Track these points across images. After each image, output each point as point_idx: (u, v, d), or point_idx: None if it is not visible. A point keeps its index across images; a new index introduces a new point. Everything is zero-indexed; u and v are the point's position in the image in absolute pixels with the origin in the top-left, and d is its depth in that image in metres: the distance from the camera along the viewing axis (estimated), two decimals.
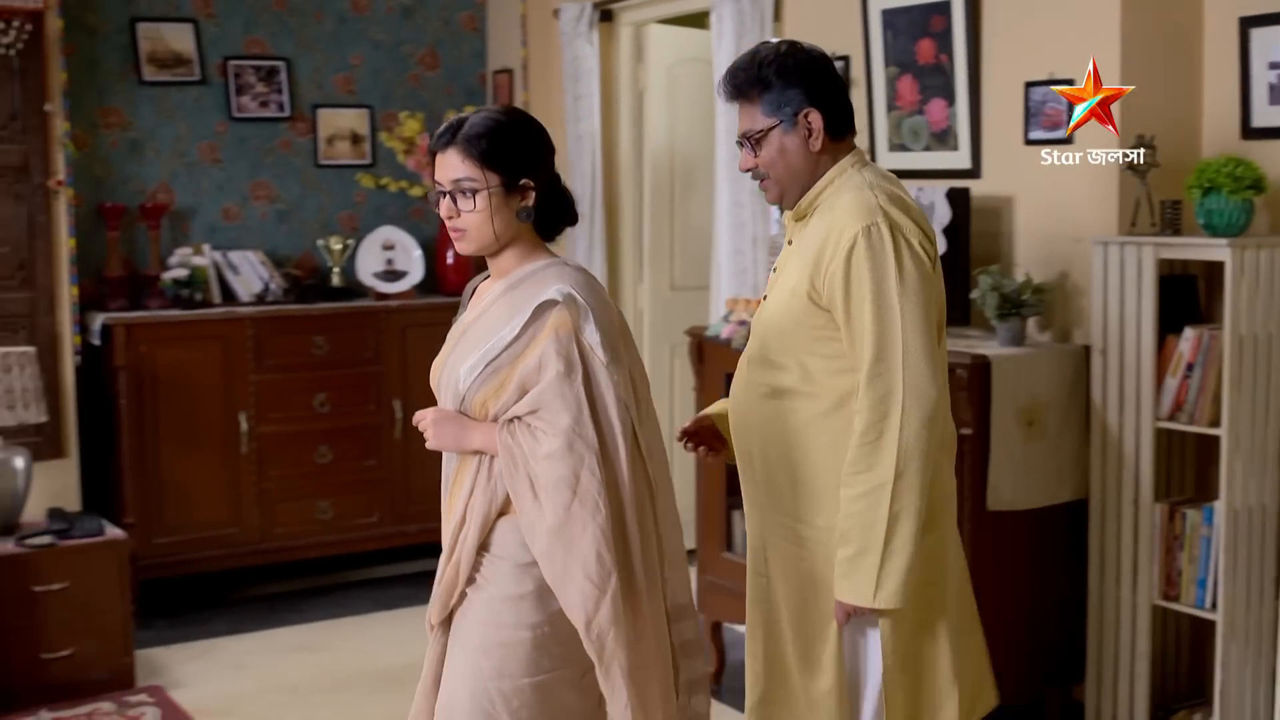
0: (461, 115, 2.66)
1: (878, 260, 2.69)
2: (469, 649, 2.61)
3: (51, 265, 5.47)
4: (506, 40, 6.56)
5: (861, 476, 2.70)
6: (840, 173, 2.84)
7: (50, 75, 5.43)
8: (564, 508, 2.50)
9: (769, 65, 2.81)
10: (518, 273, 2.65)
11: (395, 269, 6.31)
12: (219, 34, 6.15)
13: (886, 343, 2.69)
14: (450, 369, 2.66)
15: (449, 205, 2.63)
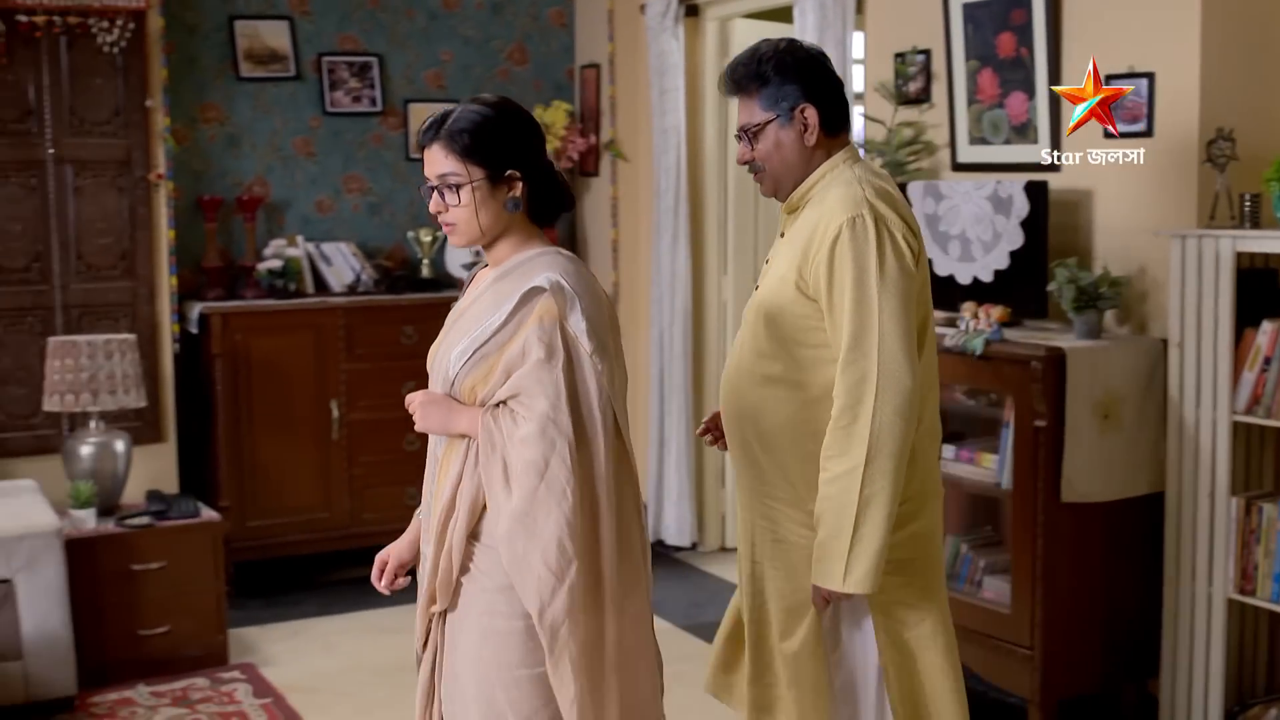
0: (447, 109, 2.68)
1: (860, 250, 2.77)
2: (471, 640, 2.64)
3: (152, 256, 5.64)
4: (593, 35, 6.64)
5: (834, 460, 2.78)
6: (832, 168, 2.92)
7: (152, 72, 5.59)
8: (530, 492, 2.50)
9: (768, 61, 2.90)
10: (509, 262, 2.68)
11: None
12: (313, 31, 6.30)
13: (863, 330, 2.76)
14: (442, 354, 2.69)
15: (437, 200, 2.66)
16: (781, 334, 2.90)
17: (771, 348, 2.91)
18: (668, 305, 6.25)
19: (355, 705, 4.62)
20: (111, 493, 5.13)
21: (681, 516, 6.30)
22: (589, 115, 6.64)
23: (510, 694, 2.60)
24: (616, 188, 6.55)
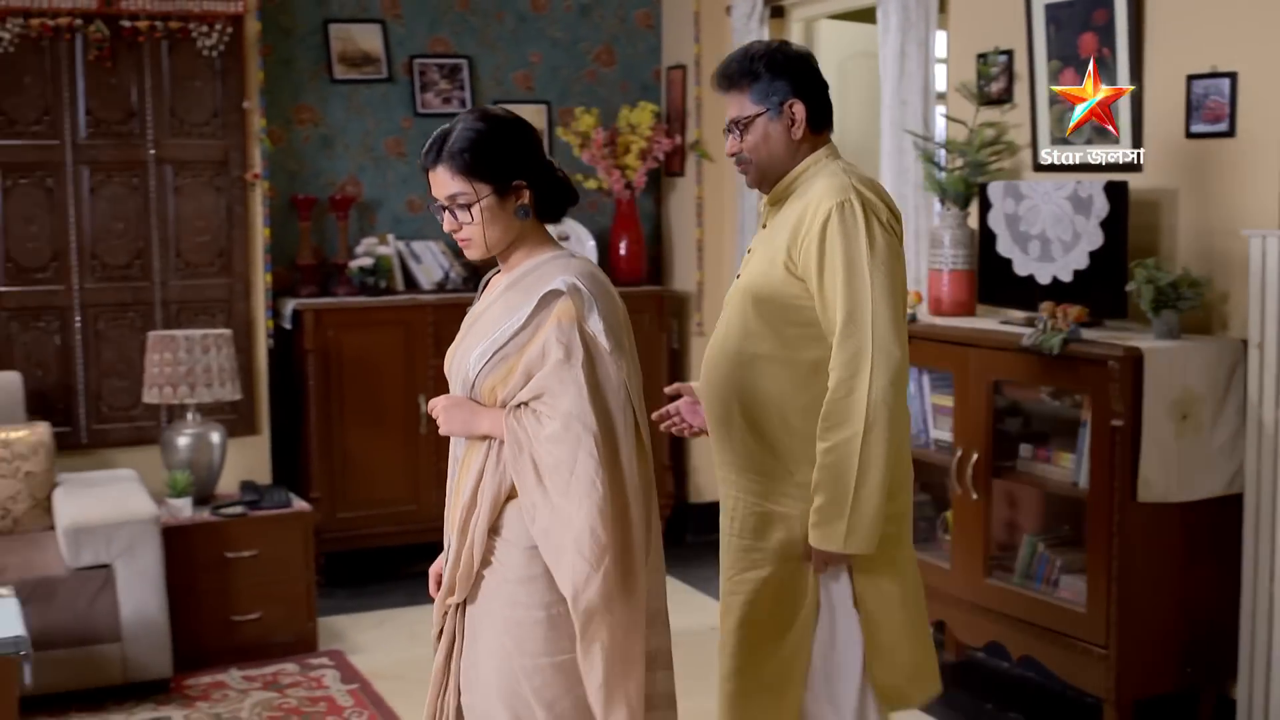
0: (445, 127, 2.75)
1: (850, 232, 2.92)
2: (494, 630, 2.72)
3: (248, 253, 5.80)
4: (680, 36, 6.71)
5: (833, 431, 2.91)
6: (815, 161, 3.07)
7: (249, 75, 5.75)
8: (562, 487, 2.58)
9: (759, 59, 3.05)
10: (524, 266, 2.76)
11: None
12: (405, 34, 6.43)
13: (857, 307, 2.90)
14: (460, 358, 2.77)
15: (450, 220, 2.74)
16: (770, 314, 3.03)
17: (760, 327, 3.04)
18: None
19: None
20: (207, 483, 5.29)
21: None
22: (675, 116, 6.71)
23: (533, 682, 2.68)
24: (701, 188, 6.61)
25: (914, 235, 5.25)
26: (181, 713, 4.60)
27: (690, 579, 6.03)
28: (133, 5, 5.48)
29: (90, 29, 5.44)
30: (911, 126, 5.19)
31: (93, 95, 5.50)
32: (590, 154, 6.45)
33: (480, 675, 2.75)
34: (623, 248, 6.57)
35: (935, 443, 4.77)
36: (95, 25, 5.44)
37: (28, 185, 5.45)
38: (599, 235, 6.61)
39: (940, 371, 4.70)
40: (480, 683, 2.75)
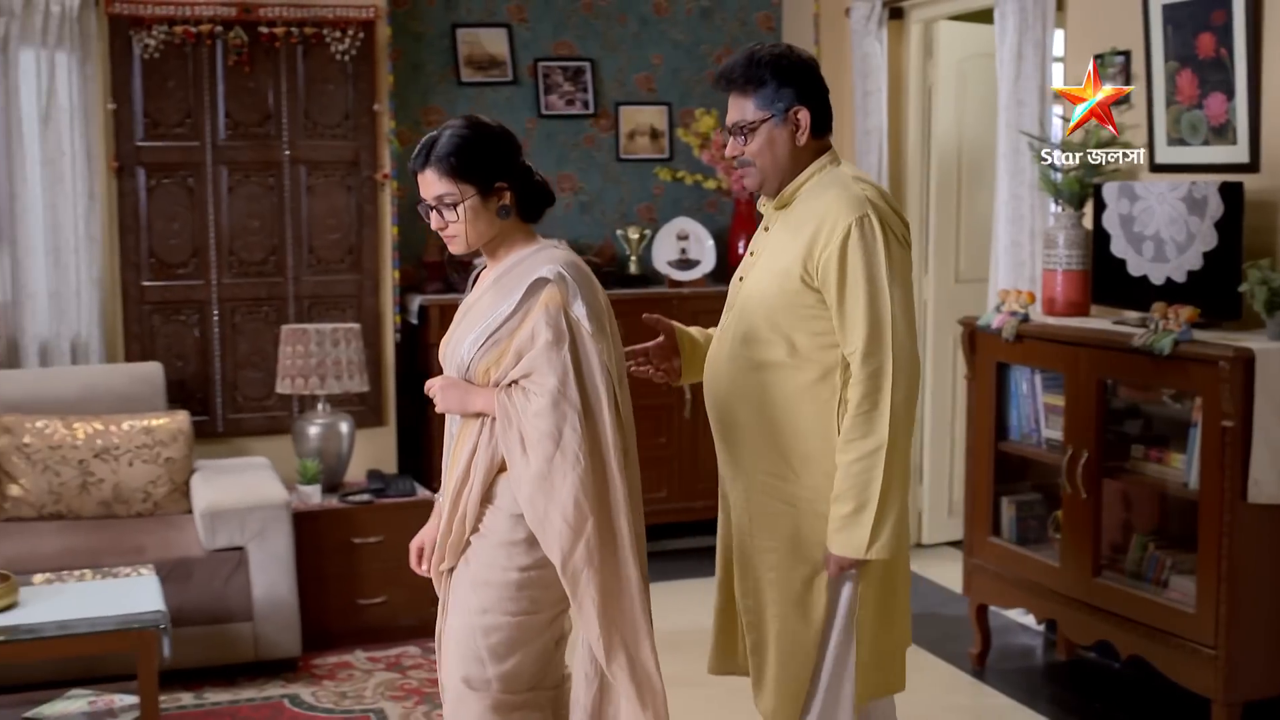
0: (433, 134, 3.01)
1: (870, 249, 2.98)
2: (465, 586, 2.99)
3: (377, 251, 6.00)
4: (799, 38, 6.78)
5: (857, 443, 2.99)
6: (820, 168, 3.13)
7: (379, 78, 5.95)
8: (547, 459, 2.83)
9: (766, 65, 3.10)
10: (509, 259, 3.02)
11: (689, 258, 6.62)
12: (530, 37, 6.60)
13: (879, 324, 2.98)
14: (454, 344, 3.02)
15: (436, 218, 2.99)
16: (783, 321, 3.09)
17: (771, 334, 3.10)
18: None
19: None
20: (335, 471, 5.49)
21: None
22: None
23: (490, 640, 2.95)
24: None
25: (1029, 235, 5.28)
26: (309, 690, 4.80)
27: None
28: (270, 13, 5.72)
29: (230, 35, 5.68)
30: (1027, 127, 5.21)
31: (232, 98, 5.74)
32: (709, 155, 6.55)
33: (451, 625, 3.01)
34: (740, 247, 6.66)
35: (1046, 442, 4.79)
36: (235, 32, 5.69)
37: (170, 184, 5.71)
38: (717, 235, 6.71)
39: (1052, 372, 4.72)
40: (450, 631, 3.01)
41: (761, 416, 3.13)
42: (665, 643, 4.95)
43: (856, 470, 2.99)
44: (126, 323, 5.72)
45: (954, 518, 6.25)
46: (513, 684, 2.98)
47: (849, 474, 3.01)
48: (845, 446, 3.01)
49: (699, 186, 6.80)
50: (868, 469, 2.98)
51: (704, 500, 6.49)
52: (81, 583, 4.31)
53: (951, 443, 6.39)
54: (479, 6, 6.52)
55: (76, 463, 5.07)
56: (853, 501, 3.01)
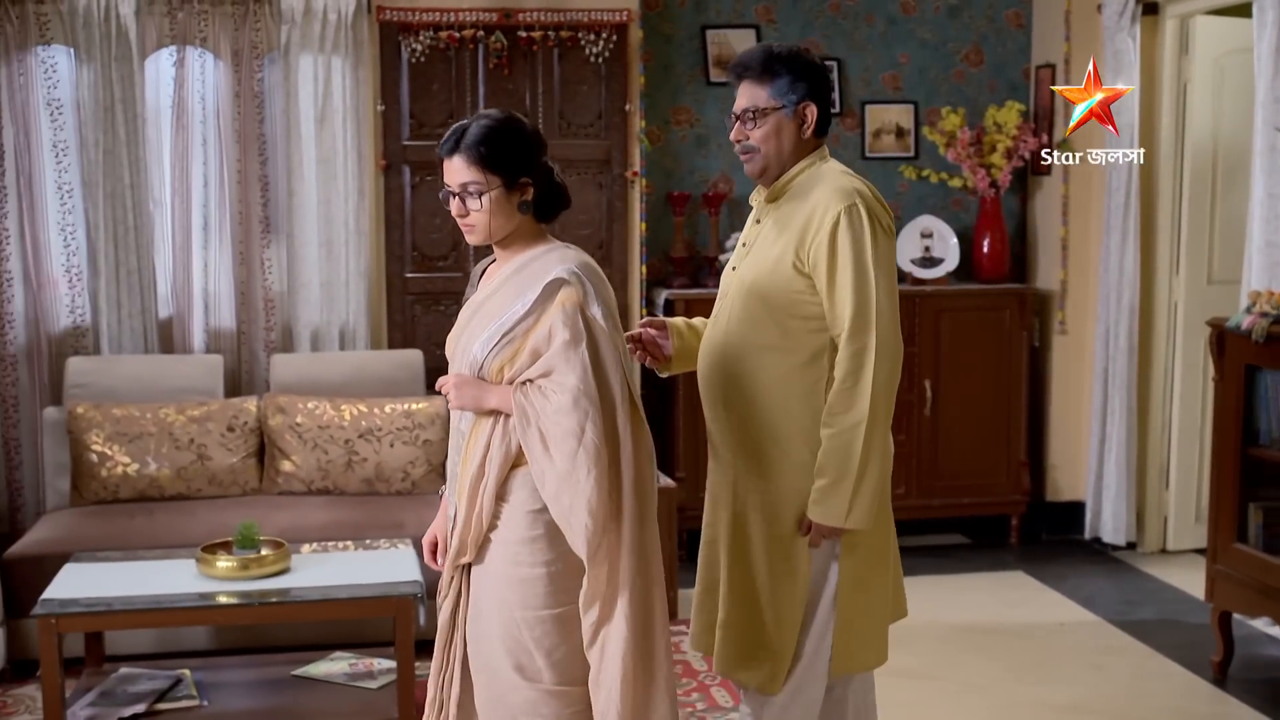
0: (463, 123, 3.02)
1: (858, 235, 3.14)
2: (497, 587, 3.01)
3: (626, 246, 6.21)
4: (1050, 35, 6.72)
5: (840, 417, 3.14)
6: (811, 163, 3.29)
7: (631, 79, 6.16)
8: (571, 456, 2.88)
9: (783, 59, 3.25)
10: (523, 256, 3.05)
11: (932, 256, 6.64)
12: (778, 38, 6.69)
13: (865, 306, 3.13)
14: (465, 342, 3.04)
15: (459, 205, 3.00)
16: (776, 307, 3.23)
17: (764, 319, 3.24)
18: (1114, 304, 6.27)
19: None
20: None
21: (1119, 515, 6.31)
22: (1042, 115, 6.72)
23: (534, 632, 2.99)
24: (1068, 186, 6.61)
25: None
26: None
27: (1043, 575, 6.07)
28: (529, 17, 5.98)
29: (491, 39, 5.96)
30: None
31: (491, 99, 6.02)
32: (955, 153, 6.55)
33: (484, 628, 3.04)
34: (985, 246, 6.64)
35: None
36: (495, 36, 5.97)
37: (433, 182, 6.02)
38: (961, 233, 6.70)
39: None
40: (485, 635, 3.04)
41: (754, 397, 3.26)
42: (896, 634, 5.00)
43: (838, 443, 3.14)
44: (390, 312, 6.06)
45: (1200, 524, 6.11)
46: (564, 675, 3.02)
47: (831, 446, 3.15)
48: (828, 420, 3.16)
49: (944, 184, 6.80)
50: (849, 442, 3.12)
51: (943, 498, 6.51)
52: (345, 553, 4.63)
53: (1200, 447, 6.25)
54: (728, 8, 6.66)
55: (343, 442, 5.42)
56: (833, 472, 3.15)
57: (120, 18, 5.63)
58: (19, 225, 5.69)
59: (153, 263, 5.80)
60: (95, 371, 5.51)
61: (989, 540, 6.67)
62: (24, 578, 4.76)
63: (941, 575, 6.12)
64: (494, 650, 3.03)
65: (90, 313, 5.77)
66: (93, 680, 4.41)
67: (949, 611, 5.57)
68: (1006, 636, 5.28)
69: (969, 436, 6.53)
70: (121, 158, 5.69)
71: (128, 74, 5.67)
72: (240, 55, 5.79)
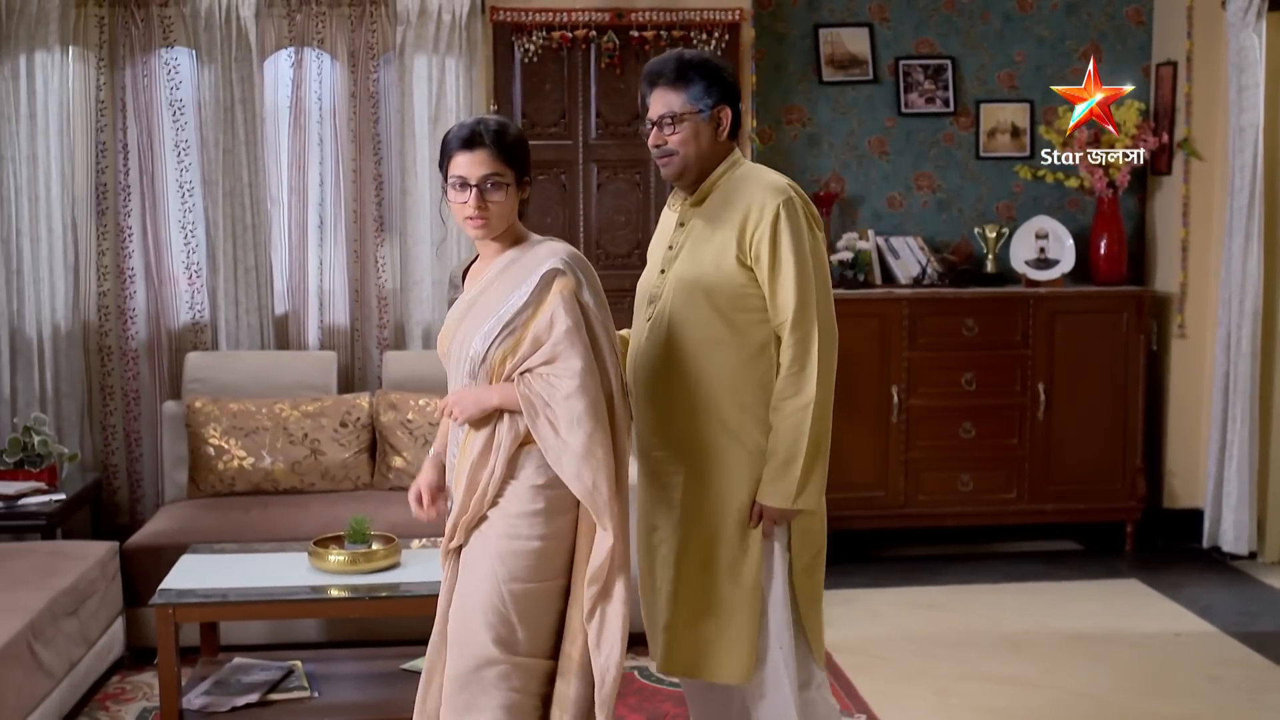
0: (479, 119, 3.19)
1: (796, 227, 3.27)
2: (488, 556, 3.14)
3: None
4: (1171, 32, 6.57)
5: (789, 401, 3.27)
6: (732, 164, 3.41)
7: (743, 78, 6.12)
8: (587, 436, 3.05)
9: (696, 66, 3.36)
10: (512, 251, 3.21)
11: (1047, 257, 6.53)
12: (892, 36, 6.64)
13: (806, 293, 3.25)
14: (462, 338, 3.18)
15: (477, 197, 3.11)
16: (722, 303, 3.31)
17: (711, 315, 3.32)
18: (1236, 307, 6.12)
19: (893, 670, 4.93)
20: None
21: (1240, 523, 6.16)
22: (1163, 113, 6.58)
23: (520, 605, 3.13)
24: (1188, 187, 6.46)
25: None
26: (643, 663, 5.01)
27: (1159, 584, 5.94)
28: (641, 16, 5.99)
29: (603, 39, 5.98)
30: None
31: (603, 99, 6.05)
32: (1072, 152, 6.43)
33: (468, 603, 3.15)
34: (1102, 247, 6.52)
35: None
36: (607, 36, 5.98)
37: (545, 181, 6.06)
38: (1077, 234, 6.59)
39: None
40: (467, 610, 3.16)
41: (707, 394, 3.33)
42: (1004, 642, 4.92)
43: (788, 426, 3.27)
44: None
45: None
46: (536, 647, 3.17)
47: (781, 429, 3.28)
48: (778, 405, 3.29)
49: (1060, 185, 6.68)
50: (798, 424, 3.26)
51: (1056, 503, 6.41)
52: None
53: None
54: (841, 6, 6.61)
55: None
56: (784, 453, 3.27)
57: (240, 20, 5.74)
58: (141, 223, 5.83)
59: (269, 260, 5.91)
60: (213, 367, 5.63)
61: (1103, 547, 6.55)
62: (142, 567, 4.88)
63: (1053, 582, 6.02)
64: (474, 625, 3.15)
65: (209, 309, 5.90)
66: (207, 669, 4.50)
67: (1061, 619, 5.48)
68: (1120, 646, 5.18)
69: (1083, 441, 6.41)
70: (240, 157, 5.80)
71: (247, 75, 5.78)
72: (356, 56, 5.88)
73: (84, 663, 4.48)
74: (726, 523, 3.36)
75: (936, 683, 4.81)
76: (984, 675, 4.87)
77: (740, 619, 3.36)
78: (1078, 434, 6.41)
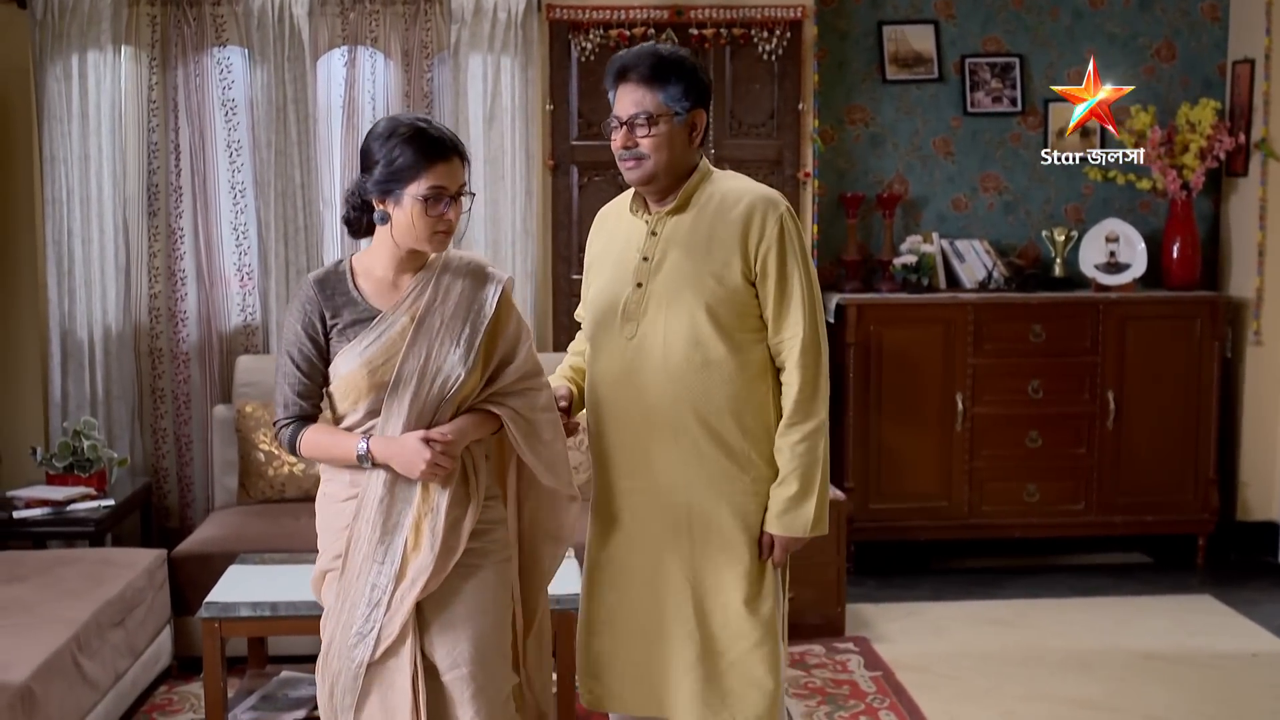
0: (443, 127, 3.02)
1: (802, 240, 3.16)
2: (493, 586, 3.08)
3: None
4: (1249, 29, 6.36)
5: (799, 426, 3.13)
6: (707, 171, 3.24)
7: (804, 77, 5.99)
8: (557, 433, 3.14)
9: (674, 65, 3.14)
10: (439, 261, 3.06)
11: (1117, 261, 6.34)
12: (957, 34, 6.47)
13: (816, 313, 3.14)
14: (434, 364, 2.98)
15: (456, 207, 2.99)
16: (724, 319, 3.14)
17: (712, 333, 3.13)
18: None
19: (959, 689, 4.77)
20: None
21: None
22: (1239, 113, 6.37)
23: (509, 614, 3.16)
24: (1265, 189, 6.26)
25: None
26: None
27: (1233, 600, 5.74)
28: (701, 14, 5.86)
29: (661, 37, 5.84)
30: None
31: None
32: (1145, 153, 6.24)
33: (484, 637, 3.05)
34: (1175, 251, 6.33)
35: None
36: (666, 34, 5.85)
37: (600, 182, 5.93)
38: (1149, 237, 6.39)
39: None
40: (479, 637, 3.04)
41: (707, 415, 3.15)
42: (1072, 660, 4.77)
43: (801, 451, 3.13)
44: (556, 314, 5.99)
45: None
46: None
47: (794, 456, 3.13)
48: (788, 430, 3.14)
49: (1131, 186, 6.48)
50: (810, 449, 3.13)
51: (1125, 515, 6.23)
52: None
53: None
54: (905, 3, 6.45)
55: None
56: (797, 483, 3.13)
57: (293, 19, 5.65)
58: (193, 224, 5.76)
59: (321, 262, 5.82)
60: (264, 370, 5.54)
61: (1173, 560, 6.35)
62: (190, 576, 4.81)
63: (1122, 597, 5.84)
64: (495, 661, 3.07)
65: (260, 311, 5.82)
66: (255, 682, 4.41)
67: (1130, 637, 5.30)
68: (1193, 666, 5.00)
69: (1154, 451, 6.22)
70: (293, 158, 5.72)
71: (300, 74, 5.69)
72: (410, 55, 5.77)
73: (130, 674, 4.41)
74: (741, 555, 3.18)
75: (1004, 703, 4.65)
76: (1053, 696, 4.70)
77: (763, 651, 3.19)
78: (1148, 444, 6.22)
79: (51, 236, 5.64)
